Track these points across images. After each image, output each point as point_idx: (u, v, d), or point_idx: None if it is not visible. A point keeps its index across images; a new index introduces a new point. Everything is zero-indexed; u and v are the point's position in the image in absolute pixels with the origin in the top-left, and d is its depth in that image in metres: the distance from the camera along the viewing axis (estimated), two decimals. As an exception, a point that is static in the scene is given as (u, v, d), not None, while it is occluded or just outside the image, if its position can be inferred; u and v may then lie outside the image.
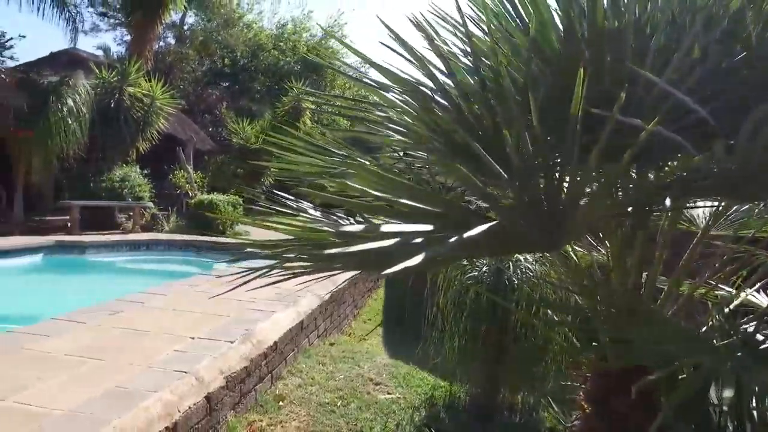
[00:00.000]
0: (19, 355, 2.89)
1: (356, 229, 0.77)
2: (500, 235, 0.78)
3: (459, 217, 0.84)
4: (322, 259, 0.94)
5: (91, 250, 8.91)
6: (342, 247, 0.82)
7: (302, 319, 4.36)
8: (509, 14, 1.13)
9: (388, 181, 1.32)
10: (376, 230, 0.76)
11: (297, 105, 16.95)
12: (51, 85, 10.83)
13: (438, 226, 0.79)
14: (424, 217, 0.82)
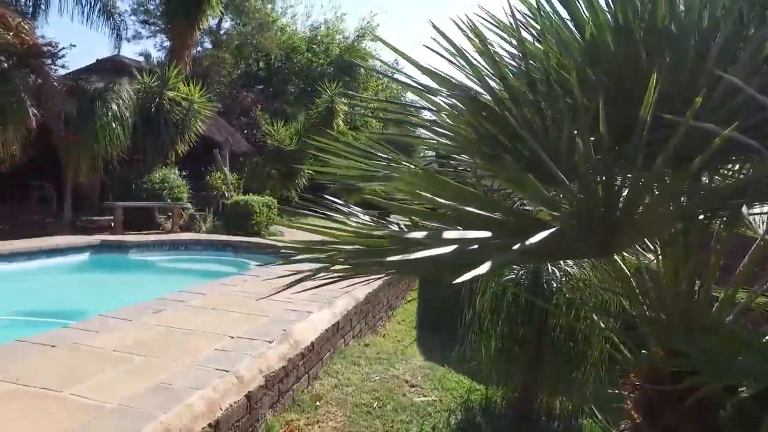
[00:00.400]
0: (73, 351, 3.01)
1: (419, 236, 0.77)
2: (555, 241, 0.77)
3: (520, 224, 0.83)
4: (378, 264, 0.94)
5: (133, 250, 9.21)
6: (399, 253, 0.82)
7: (338, 320, 4.39)
8: (561, 16, 1.11)
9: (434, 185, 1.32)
10: (437, 237, 0.76)
11: (330, 107, 17.09)
12: (97, 91, 11.26)
13: (496, 233, 0.78)
14: (481, 223, 0.82)
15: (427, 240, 0.77)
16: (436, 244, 0.75)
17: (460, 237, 0.77)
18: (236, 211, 12.21)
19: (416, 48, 1.41)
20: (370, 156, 1.61)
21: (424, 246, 0.75)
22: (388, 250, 0.94)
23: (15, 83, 9.17)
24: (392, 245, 0.95)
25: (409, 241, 0.84)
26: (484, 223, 0.81)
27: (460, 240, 0.76)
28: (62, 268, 8.23)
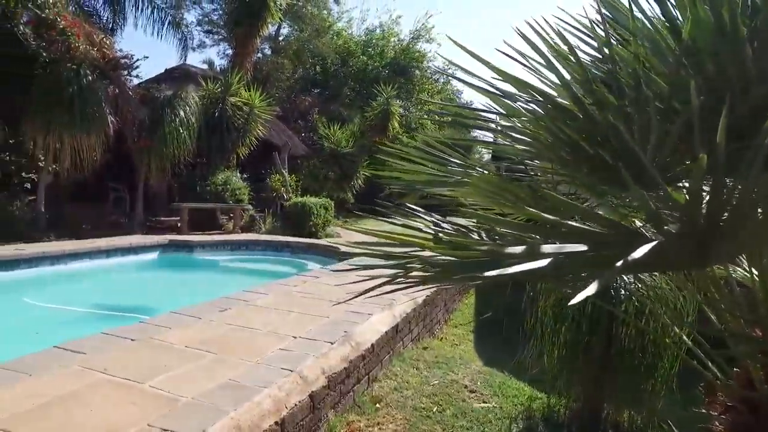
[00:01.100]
0: (149, 345, 3.19)
1: (518, 250, 0.75)
2: (653, 253, 0.73)
3: (618, 236, 0.80)
4: (471, 277, 0.94)
5: (198, 249, 9.64)
6: (492, 266, 0.80)
7: (397, 323, 4.40)
8: (650, 15, 1.06)
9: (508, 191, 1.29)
10: (536, 252, 0.74)
11: (386, 109, 17.19)
12: (166, 99, 11.89)
13: (591, 245, 0.75)
14: (574, 235, 0.79)
15: (524, 254, 0.76)
16: (532, 258, 0.73)
17: (558, 251, 0.75)
18: (294, 212, 12.52)
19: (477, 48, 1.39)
20: (437, 160, 1.60)
21: (519, 260, 0.74)
22: (479, 262, 0.93)
23: (98, 94, 9.83)
24: (484, 257, 0.93)
25: (503, 254, 0.82)
26: (577, 235, 0.78)
27: (557, 254, 0.74)
28: (135, 266, 8.73)
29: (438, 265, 1.07)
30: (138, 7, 14.83)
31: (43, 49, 10.21)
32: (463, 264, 0.97)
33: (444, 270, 1.05)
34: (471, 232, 1.31)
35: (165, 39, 15.46)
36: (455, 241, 1.10)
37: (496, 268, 0.76)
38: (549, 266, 0.71)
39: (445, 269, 1.06)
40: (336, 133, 17.13)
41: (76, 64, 9.90)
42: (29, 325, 5.24)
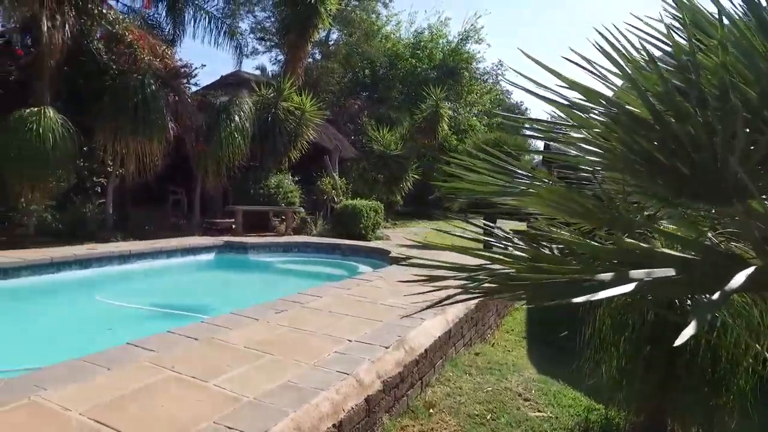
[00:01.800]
0: (212, 344, 3.33)
1: (606, 277, 0.74)
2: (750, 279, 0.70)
3: (712, 261, 0.77)
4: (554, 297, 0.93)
5: (252, 250, 9.93)
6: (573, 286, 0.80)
7: (450, 328, 4.38)
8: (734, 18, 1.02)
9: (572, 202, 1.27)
10: (625, 278, 0.73)
11: (435, 111, 17.13)
12: (222, 105, 12.35)
13: (679, 270, 0.73)
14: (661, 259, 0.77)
15: (614, 280, 0.74)
16: (621, 283, 0.72)
17: (647, 277, 0.73)
18: (344, 214, 12.69)
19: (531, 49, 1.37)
20: (503, 171, 1.58)
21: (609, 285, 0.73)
22: (566, 283, 0.92)
23: (160, 102, 10.34)
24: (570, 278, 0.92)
25: (594, 281, 0.81)
26: (664, 259, 0.76)
27: (645, 280, 0.72)
28: (193, 266, 9.11)
29: (517, 282, 1.06)
30: (196, 18, 15.48)
31: (113, 62, 10.86)
32: (552, 285, 0.96)
33: (530, 289, 1.05)
34: (541, 246, 1.30)
35: (221, 47, 16.07)
36: (549, 265, 1.07)
37: (583, 290, 0.74)
38: (635, 289, 0.69)
39: (533, 289, 1.05)
40: (385, 136, 17.22)
41: (141, 75, 10.46)
42: (102, 321, 5.57)
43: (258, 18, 27.23)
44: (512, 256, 1.17)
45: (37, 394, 2.43)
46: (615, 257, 0.95)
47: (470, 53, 29.37)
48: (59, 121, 8.91)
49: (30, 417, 2.22)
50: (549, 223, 1.86)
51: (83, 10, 10.72)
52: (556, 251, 1.24)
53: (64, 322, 5.69)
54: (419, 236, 16.15)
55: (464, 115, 28.05)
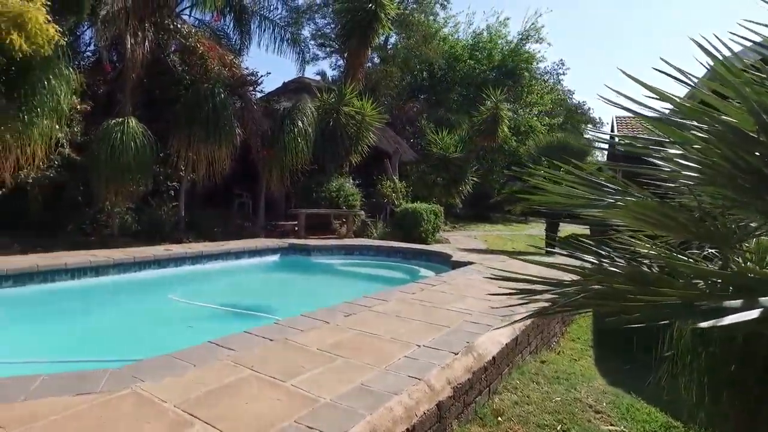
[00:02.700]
0: (286, 345, 3.47)
1: (736, 304, 0.74)
2: None
3: None
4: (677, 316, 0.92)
5: (315, 253, 10.20)
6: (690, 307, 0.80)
7: (517, 335, 4.33)
8: None
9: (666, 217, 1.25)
10: (754, 304, 0.73)
11: (495, 113, 16.88)
12: (286, 111, 12.76)
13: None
14: None
15: (742, 307, 0.74)
16: (748, 309, 0.71)
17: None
18: (405, 218, 12.77)
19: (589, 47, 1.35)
20: (590, 183, 1.57)
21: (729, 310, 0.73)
22: (686, 305, 0.92)
23: (228, 110, 10.85)
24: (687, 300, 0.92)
25: (722, 306, 0.81)
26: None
27: None
28: (259, 267, 9.47)
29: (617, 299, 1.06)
30: (261, 27, 16.05)
31: (186, 73, 11.51)
32: (666, 306, 0.96)
33: (642, 308, 1.05)
34: (641, 263, 1.28)
35: (284, 54, 16.59)
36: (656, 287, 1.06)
37: (704, 314, 0.74)
38: (760, 316, 0.69)
39: (645, 309, 1.05)
40: (444, 139, 17.16)
41: (211, 84, 11.01)
42: (177, 318, 5.92)
43: (318, 25, 27.91)
44: (607, 272, 1.17)
45: (137, 385, 2.65)
46: (727, 280, 0.94)
47: (530, 53, 28.77)
48: (140, 130, 9.53)
49: (134, 406, 2.42)
50: (632, 235, 1.83)
51: (161, 26, 11.45)
52: (656, 269, 1.23)
53: (144, 318, 6.10)
54: (479, 240, 15.97)
55: (524, 116, 27.46)
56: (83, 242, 9.05)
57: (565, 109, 36.39)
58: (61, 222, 9.66)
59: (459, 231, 19.34)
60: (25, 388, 2.56)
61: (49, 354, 4.42)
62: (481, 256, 9.42)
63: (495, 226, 23.86)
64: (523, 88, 28.01)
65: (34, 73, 7.62)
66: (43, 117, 7.95)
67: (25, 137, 7.91)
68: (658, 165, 1.51)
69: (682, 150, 1.21)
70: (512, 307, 4.87)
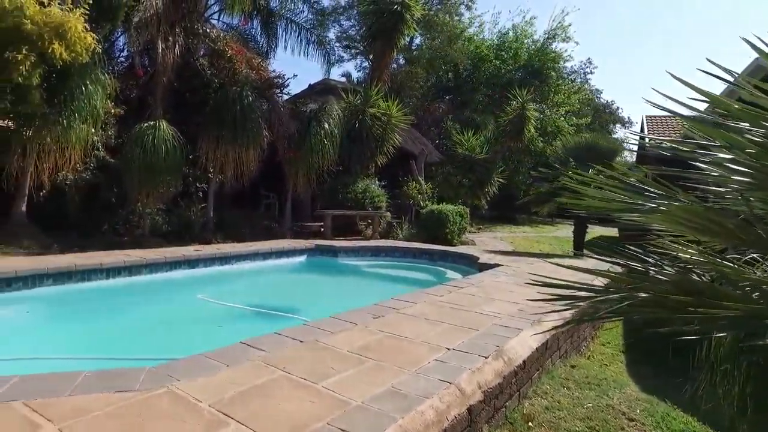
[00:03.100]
0: (316, 346, 3.50)
1: None
2: None
3: None
4: None
5: (341, 254, 10.25)
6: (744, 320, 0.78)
7: (547, 339, 4.27)
8: None
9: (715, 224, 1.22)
10: None
11: (521, 114, 16.68)
12: (312, 113, 12.87)
13: None
14: None
15: None
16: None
17: None
18: (431, 219, 12.73)
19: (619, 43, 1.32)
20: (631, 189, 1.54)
21: None
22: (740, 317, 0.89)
23: (256, 112, 11.01)
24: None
25: None
26: None
27: None
28: (287, 268, 9.58)
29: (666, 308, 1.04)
30: (287, 30, 16.23)
31: (214, 76, 11.72)
32: (734, 319, 0.93)
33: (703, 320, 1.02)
34: (690, 271, 1.25)
35: (310, 57, 16.74)
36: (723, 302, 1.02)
37: None
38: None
39: (710, 321, 1.03)
40: (470, 140, 17.03)
41: (239, 87, 11.18)
42: (209, 319, 6.02)
43: (344, 27, 28.09)
44: (654, 279, 1.14)
45: (172, 384, 2.71)
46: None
47: (557, 52, 28.33)
48: (170, 133, 9.75)
49: (171, 404, 2.48)
50: (673, 240, 1.79)
51: (190, 31, 11.69)
52: (706, 278, 1.20)
53: (175, 317, 6.22)
54: (505, 242, 15.82)
55: (550, 116, 27.06)
56: (116, 242, 9.31)
57: (592, 109, 35.76)
58: (96, 222, 9.95)
59: (484, 232, 19.18)
60: (70, 384, 2.65)
61: (86, 351, 4.57)
62: (508, 258, 9.33)
63: (521, 228, 23.59)
64: (549, 87, 27.58)
65: (72, 80, 7.90)
66: (80, 121, 8.23)
67: (64, 141, 8.20)
68: (703, 168, 1.48)
69: (732, 154, 1.17)
70: (542, 311, 4.82)
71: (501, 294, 5.75)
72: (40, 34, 6.78)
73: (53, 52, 6.91)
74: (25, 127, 8.01)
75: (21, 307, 5.85)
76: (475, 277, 7.05)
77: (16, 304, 5.85)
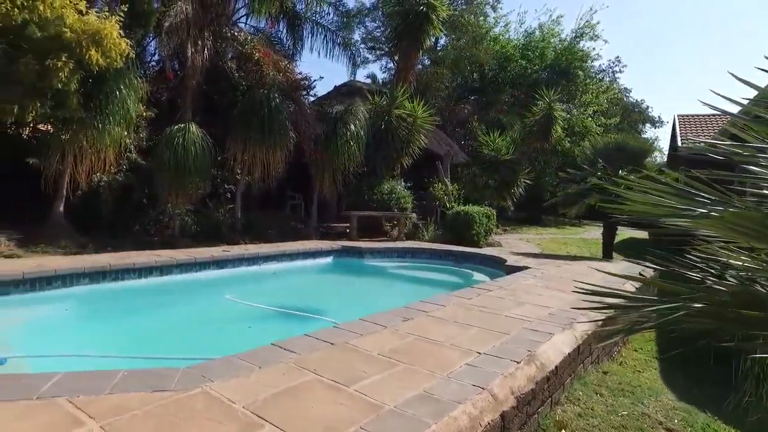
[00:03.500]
0: (346, 349, 3.50)
1: None
2: None
3: None
4: None
5: (368, 255, 10.26)
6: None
7: (579, 344, 4.19)
8: None
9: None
10: None
11: (548, 114, 16.44)
12: (338, 114, 12.93)
13: None
14: None
15: None
16: None
17: None
18: (457, 220, 12.65)
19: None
20: (682, 193, 1.49)
21: None
22: None
23: (283, 114, 11.12)
24: None
25: None
26: None
27: None
28: (314, 269, 9.64)
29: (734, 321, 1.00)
30: (313, 32, 16.33)
31: (242, 79, 11.89)
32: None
33: None
34: (753, 282, 1.20)
35: (335, 58, 16.82)
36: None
37: None
38: None
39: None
40: (495, 140, 16.87)
41: (267, 89, 11.31)
42: (238, 319, 6.09)
43: (368, 28, 28.16)
44: (710, 290, 1.10)
45: (207, 385, 2.74)
46: None
47: (584, 51, 27.83)
48: (200, 135, 9.92)
49: (205, 406, 2.51)
50: (722, 247, 1.72)
51: (219, 35, 11.89)
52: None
53: (204, 317, 6.31)
54: (532, 243, 15.61)
55: (578, 116, 26.59)
56: (147, 242, 9.52)
57: (621, 108, 35.02)
58: (128, 222, 10.19)
59: (510, 234, 18.97)
60: (109, 382, 2.71)
61: (120, 349, 4.68)
62: (536, 261, 9.20)
63: (547, 229, 23.24)
64: (577, 87, 27.12)
65: (107, 84, 8.14)
66: (114, 124, 8.45)
67: (99, 143, 8.44)
68: (758, 172, 1.42)
69: None
70: (574, 315, 4.72)
71: (530, 297, 5.67)
72: (79, 42, 7.00)
73: (90, 59, 7.13)
74: (63, 131, 8.27)
75: (60, 305, 6.04)
76: (504, 279, 6.97)
77: (57, 302, 6.04)
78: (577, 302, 5.56)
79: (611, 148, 11.56)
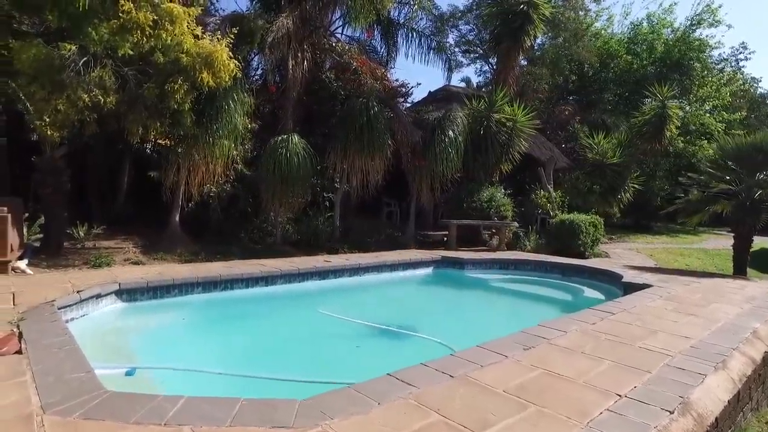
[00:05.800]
0: (468, 383, 3.21)
1: None
2: None
3: None
4: None
5: (469, 266, 9.86)
6: None
7: (739, 389, 3.56)
8: None
9: None
10: None
11: (661, 113, 15.00)
12: (436, 121, 12.67)
13: None
14: None
15: None
16: None
17: None
18: (562, 230, 11.89)
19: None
20: None
21: None
22: None
23: (381, 122, 11.08)
24: None
25: None
26: None
27: None
28: (414, 280, 9.43)
29: None
30: (407, 38, 16.19)
31: (340, 88, 12.02)
32: None
33: None
34: None
35: (431, 63, 16.52)
36: None
37: None
38: None
39: None
40: (600, 143, 15.69)
41: (365, 98, 11.33)
42: (340, 335, 5.98)
43: (462, 31, 27.61)
44: None
45: (326, 422, 2.58)
46: None
47: (702, 40, 25.09)
48: (301, 145, 10.13)
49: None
50: None
51: (317, 46, 12.13)
52: None
53: (304, 332, 6.21)
54: (643, 254, 14.29)
55: (693, 112, 24.05)
56: (251, 249, 9.86)
57: (747, 101, 31.30)
58: (233, 230, 10.66)
59: (617, 243, 17.55)
60: (229, 412, 2.66)
61: (229, 363, 4.74)
62: (657, 277, 8.29)
63: (658, 238, 21.23)
64: (692, 80, 24.52)
65: (217, 101, 8.54)
66: (223, 138, 8.85)
67: (209, 156, 8.88)
68: None
69: None
70: (720, 349, 4.05)
71: (663, 324, 5.00)
72: (193, 65, 7.41)
73: (202, 81, 7.51)
74: (179, 146, 8.82)
75: (178, 313, 6.34)
76: (625, 300, 6.28)
77: (175, 310, 6.36)
78: (721, 331, 4.82)
79: (746, 149, 10.20)
